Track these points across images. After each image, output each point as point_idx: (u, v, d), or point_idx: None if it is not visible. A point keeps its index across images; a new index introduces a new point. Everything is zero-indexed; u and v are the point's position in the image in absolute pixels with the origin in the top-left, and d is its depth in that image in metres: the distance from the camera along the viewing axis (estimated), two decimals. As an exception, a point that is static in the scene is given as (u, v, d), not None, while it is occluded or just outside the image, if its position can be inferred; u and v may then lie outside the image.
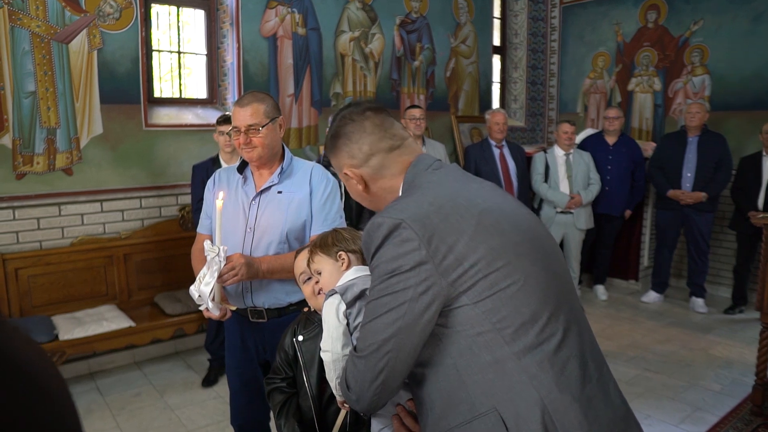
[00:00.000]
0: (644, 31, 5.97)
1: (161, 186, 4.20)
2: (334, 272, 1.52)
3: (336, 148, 1.34)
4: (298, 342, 1.77)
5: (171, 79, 4.59)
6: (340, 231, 1.62)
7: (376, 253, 1.15)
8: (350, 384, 1.17)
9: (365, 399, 1.15)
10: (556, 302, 1.14)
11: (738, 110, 5.36)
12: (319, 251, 1.56)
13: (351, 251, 1.54)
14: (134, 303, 4.07)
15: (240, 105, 2.15)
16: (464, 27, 6.04)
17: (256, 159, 2.17)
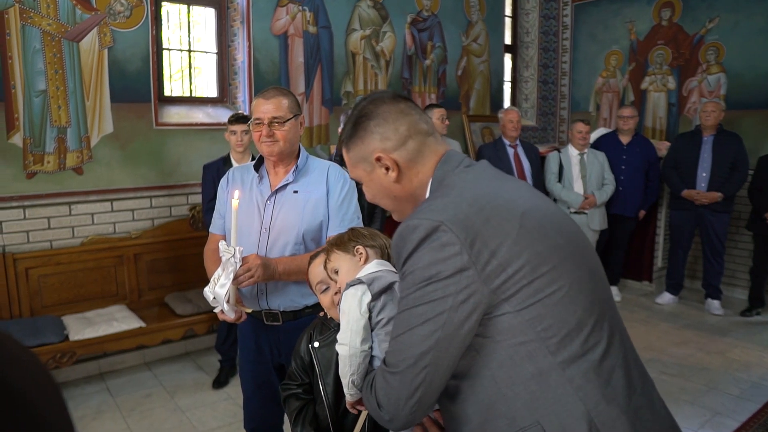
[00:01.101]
0: (658, 29, 5.89)
1: (172, 185, 4.17)
2: (353, 268, 1.47)
3: (366, 129, 1.20)
4: (314, 348, 1.72)
5: (181, 77, 4.56)
6: (357, 228, 1.58)
7: (409, 258, 1.05)
8: (382, 402, 1.08)
9: (400, 418, 1.07)
10: (600, 309, 1.08)
11: (754, 109, 5.27)
12: (335, 249, 1.52)
13: (369, 246, 1.49)
14: (144, 303, 4.04)
15: (264, 97, 2.11)
16: (476, 25, 5.98)
17: (276, 153, 2.11)
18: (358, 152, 1.22)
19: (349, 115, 1.27)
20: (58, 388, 0.45)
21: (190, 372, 3.99)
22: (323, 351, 1.70)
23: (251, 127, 2.13)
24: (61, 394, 0.46)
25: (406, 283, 1.06)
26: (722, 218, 4.94)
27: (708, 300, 5.12)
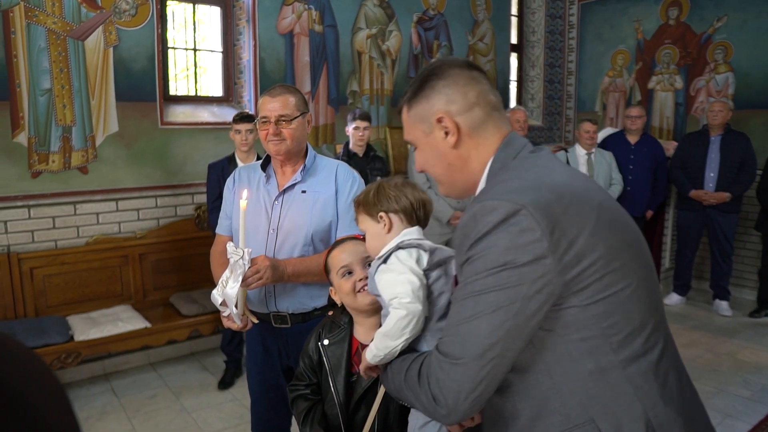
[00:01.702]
0: (665, 28, 5.85)
1: (177, 185, 4.14)
2: (377, 235, 1.40)
3: (433, 88, 1.13)
4: (323, 346, 1.70)
5: (186, 76, 4.54)
6: (385, 186, 1.44)
7: (481, 239, 0.97)
8: (439, 395, 1.00)
9: (459, 412, 1.00)
10: (659, 310, 1.05)
11: (763, 109, 5.23)
12: (362, 209, 1.44)
13: (393, 212, 1.40)
14: (149, 303, 4.02)
15: (271, 95, 2.07)
16: (482, 24, 5.95)
17: (283, 152, 2.07)
18: (420, 111, 1.15)
19: (417, 75, 1.20)
20: (62, 388, 0.45)
21: (196, 373, 3.96)
22: (333, 348, 1.68)
23: (258, 125, 2.09)
24: (66, 395, 0.45)
25: (474, 267, 0.98)
26: (730, 218, 4.90)
27: (716, 301, 5.08)
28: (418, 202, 1.41)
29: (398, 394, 1.15)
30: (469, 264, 0.99)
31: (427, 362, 1.06)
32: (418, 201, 1.41)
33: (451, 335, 1.00)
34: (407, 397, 1.10)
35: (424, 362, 1.07)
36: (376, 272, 1.27)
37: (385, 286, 1.21)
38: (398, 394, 1.15)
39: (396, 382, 1.14)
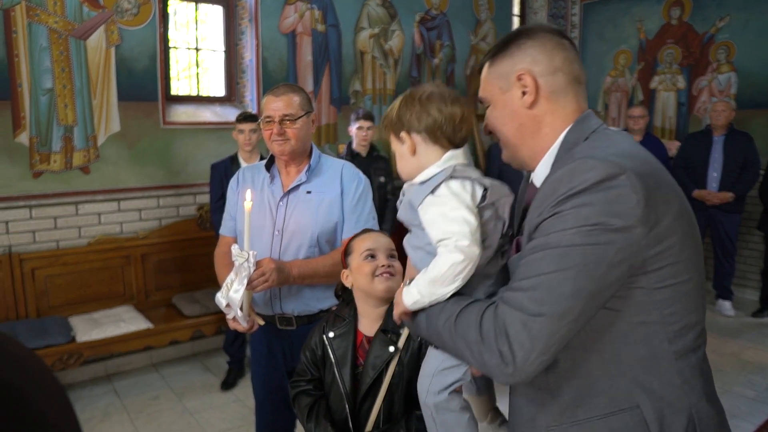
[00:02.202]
0: (668, 27, 5.84)
1: (179, 185, 4.13)
2: (403, 156, 1.21)
3: (519, 47, 1.08)
4: (329, 339, 1.71)
5: (188, 76, 4.52)
6: (408, 100, 1.20)
7: (576, 196, 0.91)
8: (506, 352, 0.91)
9: (525, 372, 0.92)
10: (704, 311, 1.05)
11: (766, 108, 5.22)
12: (387, 127, 1.26)
13: (416, 131, 1.18)
14: (152, 304, 4.00)
15: (275, 94, 2.04)
16: (484, 24, 5.94)
17: (288, 152, 2.05)
18: (501, 67, 1.10)
19: (504, 35, 1.17)
20: (63, 389, 0.44)
21: (198, 373, 3.95)
22: (338, 341, 1.70)
23: (261, 125, 2.07)
24: (66, 395, 0.45)
25: (562, 221, 0.92)
26: (733, 218, 4.89)
27: (719, 301, 5.07)
28: (447, 120, 1.16)
29: (438, 340, 1.05)
30: (556, 218, 0.93)
31: (490, 314, 0.95)
32: (447, 118, 1.16)
33: (528, 289, 0.92)
34: (452, 346, 1.01)
35: (485, 314, 0.96)
36: (421, 204, 1.07)
37: (433, 221, 1.03)
38: (438, 340, 1.05)
39: (437, 329, 1.03)
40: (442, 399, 1.10)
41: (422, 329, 1.08)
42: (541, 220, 0.95)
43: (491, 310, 0.96)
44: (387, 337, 1.61)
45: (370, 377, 1.60)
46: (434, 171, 1.12)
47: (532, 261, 0.94)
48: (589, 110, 1.11)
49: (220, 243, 2.30)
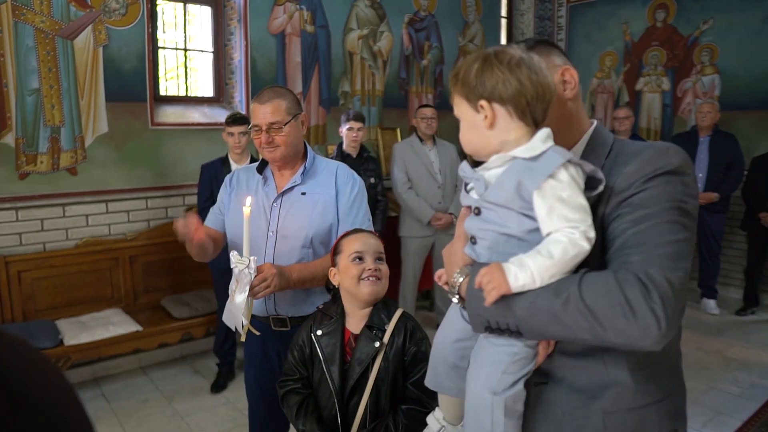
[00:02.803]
0: (653, 30, 5.92)
1: (168, 186, 4.10)
2: (475, 128, 1.02)
3: (554, 54, 1.15)
4: (317, 337, 1.75)
5: (177, 76, 4.49)
6: (494, 61, 1.00)
7: (664, 174, 0.96)
8: (658, 309, 0.88)
9: (670, 333, 0.90)
10: None
11: (748, 110, 5.31)
12: (459, 88, 1.04)
13: (500, 101, 0.99)
14: (140, 306, 3.97)
15: (260, 101, 2.01)
16: (472, 26, 5.97)
17: (279, 159, 2.05)
18: (548, 62, 1.11)
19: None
20: (73, 389, 0.45)
21: (188, 376, 3.92)
22: (326, 339, 1.73)
23: (251, 133, 2.05)
24: (77, 395, 0.45)
25: (655, 195, 0.96)
26: (718, 218, 4.97)
27: (704, 299, 5.15)
28: (538, 93, 0.99)
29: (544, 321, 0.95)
30: (646, 192, 0.97)
31: (629, 278, 0.91)
32: (539, 91, 0.99)
33: (661, 252, 0.93)
34: (569, 322, 0.93)
35: (622, 278, 0.91)
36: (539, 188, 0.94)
37: (553, 208, 0.94)
38: (544, 320, 0.95)
39: (549, 308, 0.94)
40: (518, 390, 1.01)
41: (519, 311, 0.96)
42: (632, 193, 0.98)
43: (626, 275, 0.92)
44: (372, 333, 1.65)
45: (356, 373, 1.64)
46: (539, 148, 0.97)
47: (647, 230, 0.95)
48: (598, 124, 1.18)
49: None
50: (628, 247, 0.95)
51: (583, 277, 0.93)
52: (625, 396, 1.04)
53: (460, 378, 1.13)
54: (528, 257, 0.94)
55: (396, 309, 1.72)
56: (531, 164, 0.95)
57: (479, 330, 1.01)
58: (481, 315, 0.99)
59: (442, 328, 1.18)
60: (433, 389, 1.20)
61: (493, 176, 1.00)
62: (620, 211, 0.99)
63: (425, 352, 1.62)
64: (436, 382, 1.18)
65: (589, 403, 1.05)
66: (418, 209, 4.42)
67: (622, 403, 1.04)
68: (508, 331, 0.97)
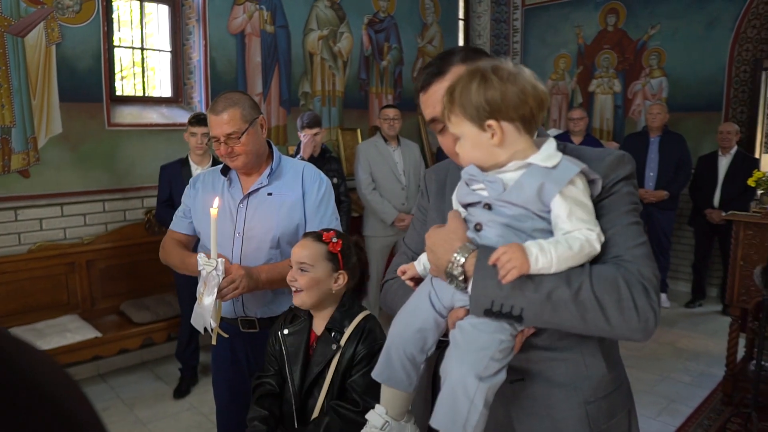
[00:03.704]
0: (604, 34, 6.12)
1: (126, 188, 4.00)
2: (481, 146, 1.03)
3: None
4: (283, 335, 1.78)
5: (133, 75, 4.39)
6: (494, 77, 1.00)
7: (625, 180, 1.07)
8: (654, 305, 0.98)
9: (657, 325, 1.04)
10: None
11: (694, 111, 5.56)
12: (457, 108, 1.03)
13: (508, 120, 1.00)
14: (98, 312, 3.86)
15: (214, 113, 1.97)
16: (431, 27, 6.04)
17: (242, 167, 2.04)
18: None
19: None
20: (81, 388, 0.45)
21: (149, 382, 3.84)
22: (291, 339, 1.77)
23: (212, 144, 2.03)
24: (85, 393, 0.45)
25: (621, 199, 1.06)
26: (668, 215, 5.18)
27: (655, 293, 5.35)
28: (540, 105, 1.02)
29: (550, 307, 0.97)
30: (615, 195, 1.07)
31: (629, 274, 0.98)
32: (540, 103, 1.02)
33: (641, 252, 1.02)
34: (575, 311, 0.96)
35: (624, 275, 0.98)
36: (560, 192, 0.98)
37: (572, 212, 0.98)
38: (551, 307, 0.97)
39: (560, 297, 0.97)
40: (500, 379, 1.01)
41: (531, 295, 0.97)
42: (602, 197, 1.07)
43: (626, 273, 0.99)
44: (331, 336, 1.68)
45: (313, 374, 1.68)
46: (556, 158, 1.01)
47: (622, 231, 1.04)
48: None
49: (169, 236, 2.21)
50: (610, 246, 1.03)
51: (592, 270, 0.99)
52: (602, 385, 1.12)
53: (414, 370, 1.12)
54: (549, 244, 0.97)
55: (360, 312, 1.74)
56: (551, 171, 0.99)
57: (477, 312, 1.00)
58: (487, 295, 0.98)
59: (401, 317, 1.14)
60: (381, 382, 1.16)
61: (510, 179, 1.02)
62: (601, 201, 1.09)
63: (374, 353, 1.59)
64: (388, 374, 1.13)
65: (571, 395, 1.10)
66: (382, 210, 4.45)
67: (600, 392, 1.12)
68: (509, 315, 0.98)
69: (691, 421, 3.31)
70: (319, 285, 1.69)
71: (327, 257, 1.69)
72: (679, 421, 3.31)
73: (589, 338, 1.11)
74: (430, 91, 1.19)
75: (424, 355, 1.11)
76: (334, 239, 1.71)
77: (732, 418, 3.25)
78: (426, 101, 1.21)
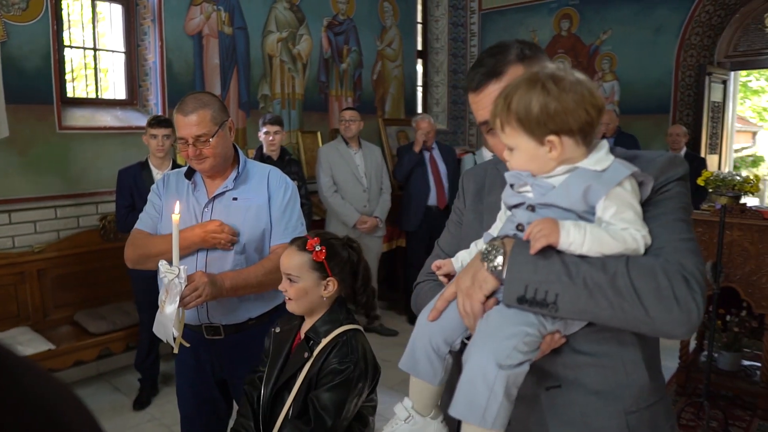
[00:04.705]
0: (558, 38, 6.28)
1: (79, 194, 3.85)
2: (537, 158, 1.00)
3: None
4: (275, 333, 1.78)
5: (85, 78, 4.24)
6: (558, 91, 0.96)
7: (680, 180, 1.05)
8: (698, 297, 0.93)
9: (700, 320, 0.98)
10: None
11: (644, 114, 5.76)
12: (515, 122, 0.99)
13: (569, 133, 0.97)
14: (51, 323, 3.70)
15: (183, 113, 1.91)
16: (390, 30, 6.07)
17: (208, 170, 1.99)
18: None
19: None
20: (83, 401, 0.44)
21: (107, 394, 3.70)
22: (278, 337, 1.76)
23: (177, 144, 1.97)
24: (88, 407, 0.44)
25: (668, 198, 1.03)
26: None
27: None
28: (598, 112, 0.99)
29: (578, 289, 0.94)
30: (665, 194, 1.04)
31: (670, 266, 0.94)
32: (598, 109, 0.99)
33: (679, 250, 0.97)
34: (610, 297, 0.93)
35: (663, 265, 0.94)
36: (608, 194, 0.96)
37: (622, 211, 0.96)
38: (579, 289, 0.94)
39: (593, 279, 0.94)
40: (522, 371, 0.96)
41: (565, 278, 0.95)
42: (651, 198, 1.04)
43: (666, 263, 0.95)
44: (308, 345, 1.66)
45: (284, 377, 1.66)
46: (607, 161, 0.99)
47: (667, 225, 1.00)
48: None
49: (134, 233, 2.11)
50: (653, 239, 0.99)
51: (629, 259, 0.95)
52: (643, 394, 1.06)
53: (439, 362, 1.09)
54: (586, 224, 0.96)
55: (345, 323, 1.68)
56: (600, 174, 0.97)
57: (510, 300, 0.97)
58: (522, 279, 0.96)
59: (429, 307, 1.11)
60: (406, 371, 1.13)
61: (557, 181, 1.00)
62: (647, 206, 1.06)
63: (342, 371, 1.57)
64: (412, 364, 1.11)
65: (610, 404, 1.05)
66: (343, 213, 4.43)
67: (642, 402, 1.06)
68: (543, 303, 0.95)
69: (649, 414, 3.42)
70: (308, 294, 1.65)
71: (313, 266, 1.65)
72: (637, 414, 3.41)
73: (630, 344, 1.06)
74: (485, 92, 1.12)
75: (447, 347, 1.08)
76: (317, 247, 1.64)
77: (686, 407, 3.38)
78: (479, 102, 1.14)
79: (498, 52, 1.12)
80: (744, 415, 3.36)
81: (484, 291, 1.00)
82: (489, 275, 1.00)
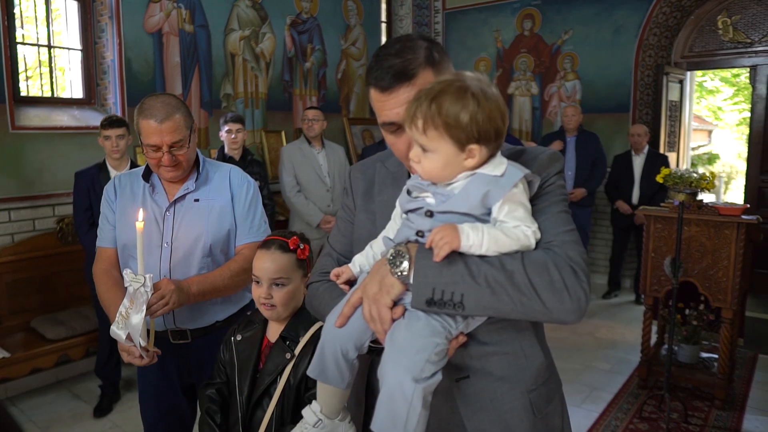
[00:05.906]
0: (521, 38, 6.36)
1: (35, 196, 3.73)
2: (452, 164, 1.03)
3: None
4: (236, 341, 1.72)
5: (40, 76, 4.10)
6: (482, 99, 1.00)
7: (557, 174, 1.14)
8: (585, 287, 1.01)
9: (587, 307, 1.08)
10: None
11: (605, 112, 5.88)
12: (442, 128, 1.00)
13: (487, 143, 1.01)
14: (6, 330, 3.57)
15: (156, 119, 1.80)
16: (354, 29, 6.04)
17: (180, 177, 1.94)
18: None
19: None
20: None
21: (65, 402, 3.59)
22: (243, 345, 1.70)
23: (143, 149, 1.87)
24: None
25: (551, 192, 1.11)
26: (586, 212, 5.44)
27: (574, 286, 5.61)
28: (505, 121, 1.05)
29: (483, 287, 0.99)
30: (546, 188, 1.11)
31: (558, 257, 1.01)
32: (506, 119, 1.06)
33: (569, 237, 1.06)
34: (510, 292, 0.99)
35: (552, 258, 1.01)
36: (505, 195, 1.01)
37: (515, 210, 1.02)
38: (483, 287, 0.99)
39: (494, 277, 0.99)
40: (435, 380, 1.00)
41: (469, 280, 0.99)
42: (537, 193, 1.11)
43: (555, 257, 1.02)
44: (285, 345, 1.62)
45: (264, 383, 1.61)
46: (504, 165, 1.04)
47: (551, 218, 1.08)
48: None
49: (100, 257, 2.05)
50: (542, 233, 1.06)
51: (524, 256, 1.02)
52: (540, 372, 1.18)
53: (347, 367, 1.12)
54: (482, 225, 1.01)
55: (317, 320, 1.65)
56: (498, 179, 1.02)
57: (419, 303, 1.01)
58: (428, 283, 0.99)
59: (335, 314, 1.12)
60: (315, 378, 1.15)
61: (456, 188, 1.04)
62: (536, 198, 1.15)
63: None
64: (321, 371, 1.13)
65: (515, 386, 1.15)
66: (307, 213, 4.40)
67: (540, 379, 1.18)
68: (451, 303, 1.00)
69: (612, 407, 3.49)
70: (295, 296, 1.62)
71: (298, 265, 1.62)
72: (601, 407, 3.48)
73: (525, 329, 1.17)
74: (395, 94, 1.10)
75: (356, 353, 1.11)
76: (300, 245, 1.63)
77: (648, 400, 3.46)
78: (386, 102, 1.12)
79: (406, 51, 1.11)
80: (702, 405, 3.46)
81: (391, 296, 1.03)
82: (396, 281, 1.03)
